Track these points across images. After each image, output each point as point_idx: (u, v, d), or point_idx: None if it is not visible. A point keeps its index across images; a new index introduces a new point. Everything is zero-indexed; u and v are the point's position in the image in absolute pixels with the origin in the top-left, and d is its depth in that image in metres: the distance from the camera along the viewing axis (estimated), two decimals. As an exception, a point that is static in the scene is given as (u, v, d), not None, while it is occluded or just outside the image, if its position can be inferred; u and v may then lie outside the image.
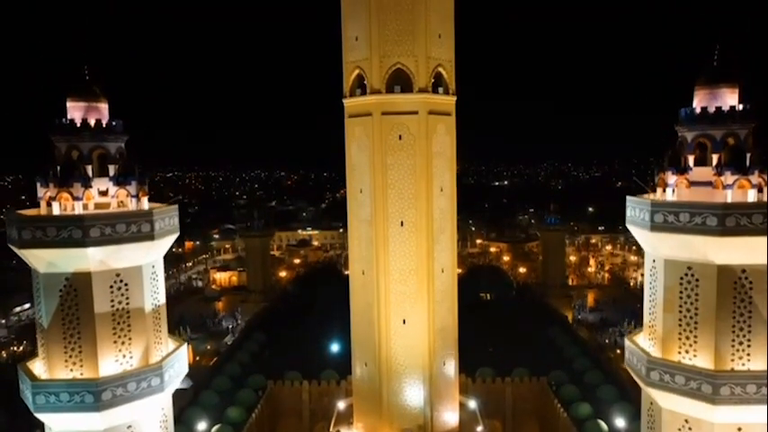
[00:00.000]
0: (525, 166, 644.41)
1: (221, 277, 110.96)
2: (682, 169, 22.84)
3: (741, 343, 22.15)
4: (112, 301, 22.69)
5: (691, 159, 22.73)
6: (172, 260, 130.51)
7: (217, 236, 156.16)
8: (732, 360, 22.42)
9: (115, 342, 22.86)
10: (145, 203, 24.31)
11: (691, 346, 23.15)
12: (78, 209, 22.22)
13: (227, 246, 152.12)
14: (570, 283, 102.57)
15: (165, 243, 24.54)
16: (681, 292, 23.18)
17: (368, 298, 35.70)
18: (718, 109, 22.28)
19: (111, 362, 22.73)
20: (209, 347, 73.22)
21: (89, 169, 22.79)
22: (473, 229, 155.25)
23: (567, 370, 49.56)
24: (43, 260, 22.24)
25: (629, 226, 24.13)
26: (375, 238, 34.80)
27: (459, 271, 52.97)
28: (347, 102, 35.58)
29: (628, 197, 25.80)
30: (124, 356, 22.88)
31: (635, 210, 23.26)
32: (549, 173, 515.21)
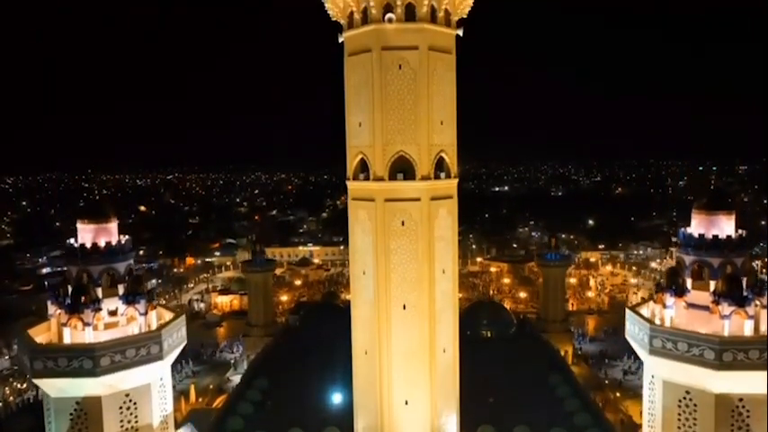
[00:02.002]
0: (526, 168, 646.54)
1: (222, 301, 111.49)
2: (680, 292, 23.39)
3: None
4: (122, 420, 23.22)
5: (689, 282, 23.34)
6: (173, 281, 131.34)
7: (218, 253, 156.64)
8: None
9: (125, 465, 23.37)
10: (153, 319, 24.83)
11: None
12: (89, 335, 22.69)
13: (227, 263, 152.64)
14: (570, 307, 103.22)
15: (173, 356, 25.04)
16: (679, 415, 23.67)
17: (370, 377, 36.19)
18: (716, 237, 22.89)
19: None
20: (211, 386, 73.57)
21: (99, 291, 23.32)
22: (473, 246, 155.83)
23: (567, 426, 49.93)
24: (54, 387, 22.73)
25: (628, 338, 24.58)
26: (378, 319, 35.29)
27: (461, 295, 53.63)
28: (351, 184, 36.04)
29: (627, 312, 26.15)
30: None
31: (634, 327, 23.75)
32: (550, 176, 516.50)
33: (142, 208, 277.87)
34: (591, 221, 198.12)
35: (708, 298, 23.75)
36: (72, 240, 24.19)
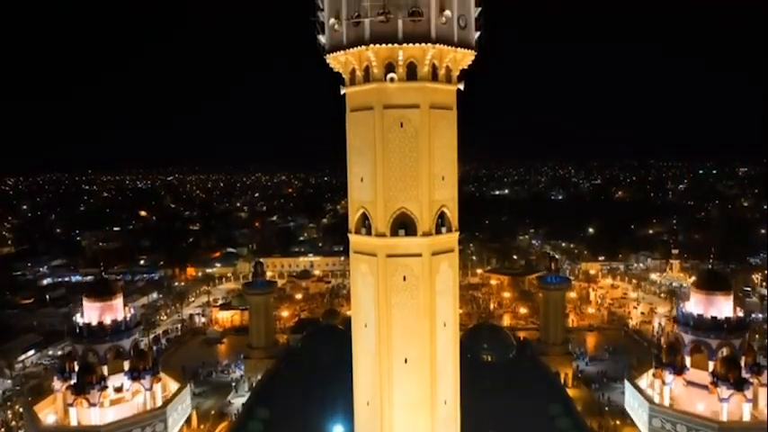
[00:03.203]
0: (526, 169, 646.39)
1: (223, 317, 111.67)
2: (679, 370, 23.64)
3: None
4: (127, 498, 23.50)
5: (688, 360, 23.59)
6: (174, 293, 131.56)
7: (218, 264, 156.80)
8: None
9: None
10: (158, 392, 25.10)
11: None
12: (95, 415, 22.98)
13: (228, 274, 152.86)
14: (570, 323, 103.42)
15: (177, 429, 25.29)
16: (678, 493, 24.06)
17: (372, 428, 36.42)
18: (714, 318, 23.11)
19: None
20: (212, 412, 73.84)
21: (104, 369, 23.58)
22: (473, 258, 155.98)
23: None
24: (60, 468, 23.00)
25: (627, 409, 24.82)
26: (380, 372, 35.51)
27: (461, 310, 53.78)
28: (353, 238, 36.23)
29: (627, 384, 26.50)
30: None
31: (634, 402, 23.94)
32: (550, 178, 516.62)
33: (143, 213, 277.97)
34: (591, 229, 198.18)
35: (707, 377, 23.95)
36: (78, 316, 24.37)
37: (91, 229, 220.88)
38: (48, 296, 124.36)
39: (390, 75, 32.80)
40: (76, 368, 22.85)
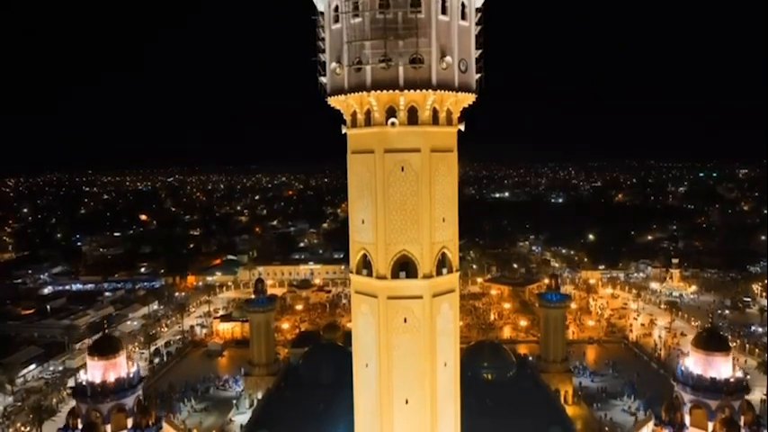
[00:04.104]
0: (526, 170, 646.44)
1: (224, 329, 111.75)
2: (678, 429, 23.75)
3: None
4: None
5: (687, 419, 23.71)
6: (175, 303, 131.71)
7: (219, 272, 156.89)
8: None
9: None
10: (160, 449, 25.26)
11: None
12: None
13: (229, 282, 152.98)
14: (570, 335, 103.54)
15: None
16: None
17: (373, 468, 36.52)
18: (713, 379, 23.19)
19: None
20: (213, 431, 73.94)
21: (108, 428, 23.69)
22: (474, 266, 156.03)
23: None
24: None
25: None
26: (380, 412, 35.65)
27: (462, 323, 53.73)
28: (354, 278, 36.38)
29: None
30: None
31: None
32: (550, 179, 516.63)
33: (143, 217, 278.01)
34: (591, 235, 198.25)
35: (706, 438, 24.11)
36: (82, 373, 24.47)
37: (91, 233, 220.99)
38: (48, 306, 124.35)
39: (391, 119, 32.89)
40: (80, 425, 22.97)
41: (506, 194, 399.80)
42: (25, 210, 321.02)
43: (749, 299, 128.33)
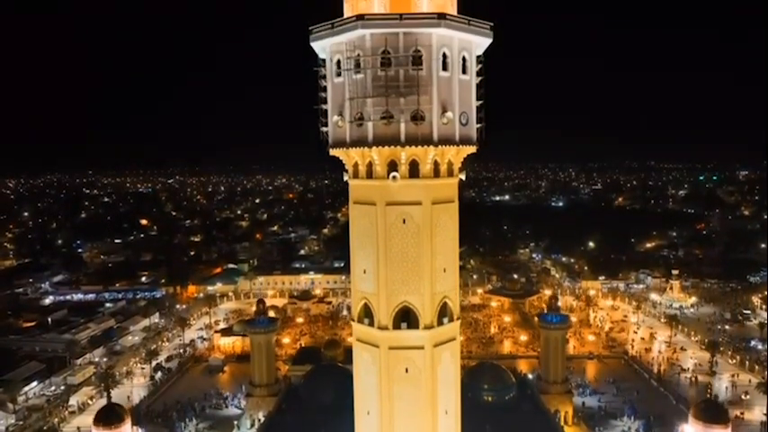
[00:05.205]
0: (527, 172, 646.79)
1: (224, 343, 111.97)
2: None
3: None
4: None
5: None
6: (175, 316, 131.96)
7: (219, 283, 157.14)
8: None
9: None
10: None
11: None
12: None
13: (230, 292, 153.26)
14: (570, 349, 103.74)
15: None
16: None
17: None
18: (713, 452, 23.51)
19: None
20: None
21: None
22: (474, 276, 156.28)
23: None
24: None
25: None
26: (382, 460, 35.87)
27: (462, 337, 54.03)
28: (355, 326, 36.62)
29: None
30: None
31: None
32: (551, 181, 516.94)
33: (143, 221, 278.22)
34: (591, 243, 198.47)
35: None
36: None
37: (92, 239, 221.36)
38: (50, 319, 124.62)
39: (393, 173, 33.06)
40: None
41: (507, 197, 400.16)
42: (26, 213, 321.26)
43: (749, 311, 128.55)
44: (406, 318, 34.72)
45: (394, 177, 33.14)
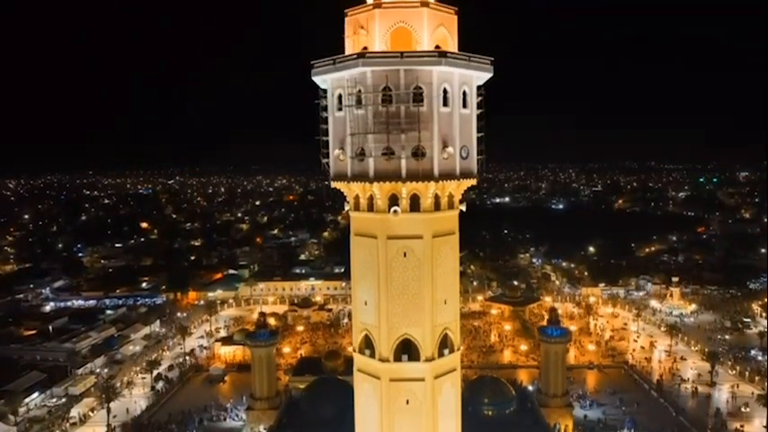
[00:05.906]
0: (527, 173, 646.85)
1: (225, 352, 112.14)
2: None
3: None
4: None
5: None
6: (176, 324, 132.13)
7: (220, 290, 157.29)
8: None
9: None
10: None
11: None
12: None
13: (230, 299, 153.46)
14: (571, 359, 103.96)
15: None
16: None
17: None
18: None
19: None
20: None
21: None
22: (474, 282, 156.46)
23: None
24: None
25: None
26: (382, 491, 36.01)
27: (462, 347, 54.36)
28: (357, 357, 36.78)
29: None
30: None
31: None
32: (551, 182, 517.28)
33: (144, 225, 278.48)
34: (591, 248, 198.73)
35: None
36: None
37: (92, 243, 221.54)
38: (51, 327, 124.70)
39: (394, 207, 33.17)
40: None
41: (507, 199, 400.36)
42: (26, 216, 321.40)
43: (749, 319, 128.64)
44: (407, 350, 34.89)
45: (395, 211, 33.26)
